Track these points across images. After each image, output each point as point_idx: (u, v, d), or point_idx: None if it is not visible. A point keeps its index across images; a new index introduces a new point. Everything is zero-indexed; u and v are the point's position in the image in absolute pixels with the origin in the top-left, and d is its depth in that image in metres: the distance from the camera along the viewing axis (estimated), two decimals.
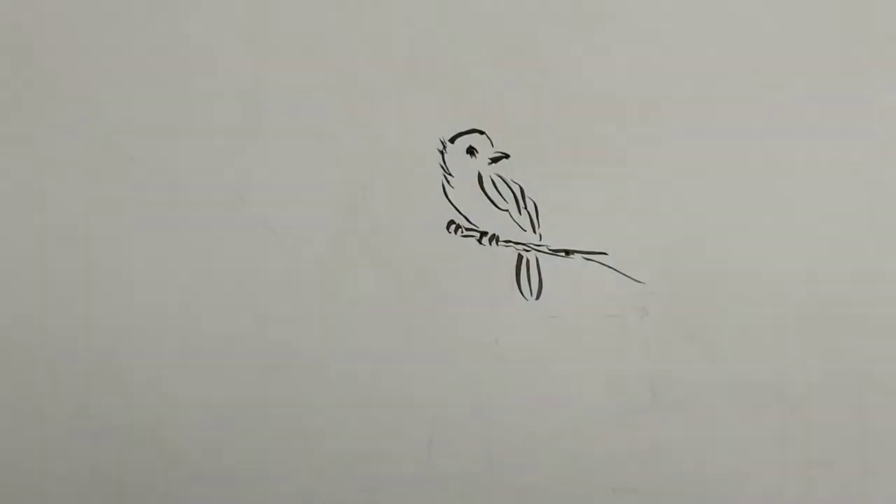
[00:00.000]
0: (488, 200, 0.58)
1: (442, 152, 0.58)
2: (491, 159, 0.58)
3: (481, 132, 0.58)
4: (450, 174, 0.58)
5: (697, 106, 0.55)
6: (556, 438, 0.61)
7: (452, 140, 0.58)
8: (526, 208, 0.58)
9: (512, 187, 0.58)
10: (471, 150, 0.58)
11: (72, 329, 0.63)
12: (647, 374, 0.59)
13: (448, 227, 0.59)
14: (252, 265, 0.60)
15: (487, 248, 0.59)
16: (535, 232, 0.58)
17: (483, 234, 0.59)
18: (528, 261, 0.59)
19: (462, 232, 0.59)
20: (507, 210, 0.58)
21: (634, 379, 0.60)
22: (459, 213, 0.59)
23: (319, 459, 0.62)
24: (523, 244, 0.59)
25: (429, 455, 0.62)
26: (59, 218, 0.61)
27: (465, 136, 0.58)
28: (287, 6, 0.55)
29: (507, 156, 0.58)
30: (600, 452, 0.60)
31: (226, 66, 0.58)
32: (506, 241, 0.59)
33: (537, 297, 0.59)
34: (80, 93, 0.58)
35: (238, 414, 0.62)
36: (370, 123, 0.58)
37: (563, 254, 0.59)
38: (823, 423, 0.58)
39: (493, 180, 0.58)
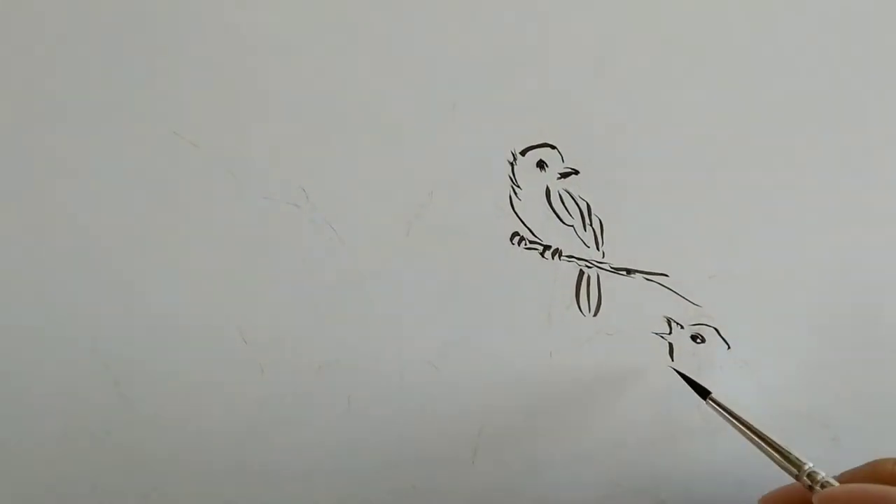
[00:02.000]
0: (554, 215, 0.59)
1: (512, 164, 0.58)
2: (560, 174, 0.58)
3: (553, 146, 0.58)
4: (518, 186, 0.59)
5: (768, 135, 0.56)
6: (602, 455, 0.61)
7: (523, 153, 0.58)
8: (591, 225, 0.59)
9: (579, 203, 0.58)
10: (541, 164, 0.58)
11: (124, 319, 0.62)
12: (696, 396, 0.60)
13: (512, 239, 0.59)
14: (311, 264, 0.60)
15: (550, 261, 0.59)
16: (598, 249, 0.59)
17: (546, 247, 0.59)
18: (588, 277, 0.59)
19: (526, 244, 0.59)
20: (572, 226, 0.59)
21: (684, 401, 0.60)
22: (524, 225, 0.59)
23: (363, 465, 0.61)
24: (586, 260, 0.59)
25: (472, 463, 0.62)
26: (113, 210, 0.60)
27: (536, 149, 0.58)
28: (360, 2, 0.55)
29: (576, 172, 0.58)
30: (646, 471, 0.61)
31: (297, 59, 0.57)
32: (568, 257, 0.59)
33: (595, 314, 0.60)
34: (147, 84, 0.57)
35: (287, 411, 0.62)
36: (442, 130, 0.58)
37: (624, 272, 0.59)
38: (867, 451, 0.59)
39: (560, 195, 0.59)
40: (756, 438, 0.52)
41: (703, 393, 0.57)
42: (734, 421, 0.53)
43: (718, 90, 0.55)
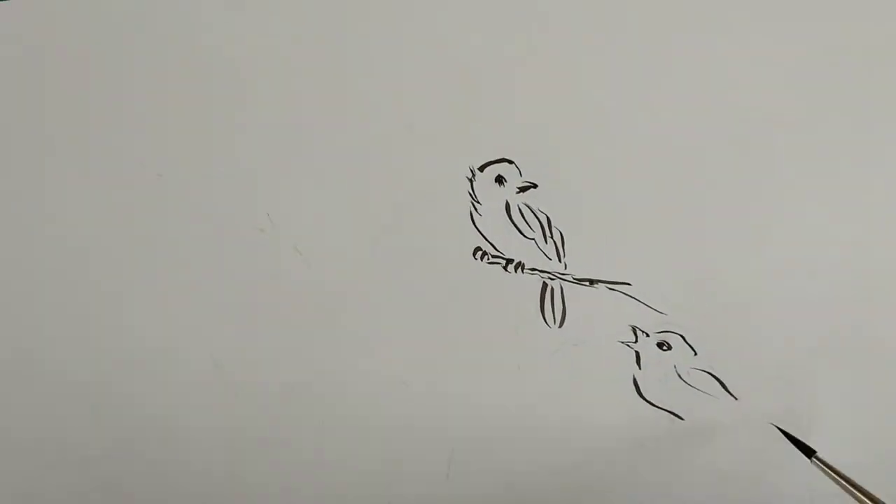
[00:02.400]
0: (515, 229, 0.59)
1: (471, 180, 0.59)
2: (519, 188, 0.59)
3: (510, 161, 0.59)
4: (478, 202, 0.59)
5: (728, 140, 0.56)
6: (575, 465, 0.61)
7: (482, 168, 0.59)
8: (552, 237, 0.59)
9: (539, 216, 0.59)
10: (499, 179, 0.59)
11: (90, 350, 0.63)
12: (667, 404, 0.60)
13: (475, 254, 0.60)
14: (278, 288, 0.61)
15: (513, 275, 0.60)
16: (560, 261, 0.59)
17: (509, 261, 0.60)
18: (552, 289, 0.60)
19: (488, 259, 0.60)
20: (533, 238, 0.59)
21: (654, 409, 0.60)
22: (486, 239, 0.59)
23: (338, 480, 0.62)
24: (548, 272, 0.60)
25: (447, 478, 0.62)
26: (81, 236, 0.61)
27: (494, 164, 0.59)
28: (317, 29, 0.56)
29: (535, 185, 0.58)
30: (620, 480, 0.61)
31: (256, 88, 0.58)
32: (531, 269, 0.60)
33: (560, 325, 0.60)
34: (108, 109, 0.59)
35: (258, 435, 0.62)
36: (401, 151, 0.59)
37: (587, 283, 0.59)
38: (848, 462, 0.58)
39: (520, 209, 0.59)
40: (865, 500, 0.50)
41: (808, 452, 0.56)
42: (841, 481, 0.52)
43: (675, 98, 0.56)
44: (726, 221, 0.57)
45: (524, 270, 0.60)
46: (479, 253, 0.60)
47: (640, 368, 0.60)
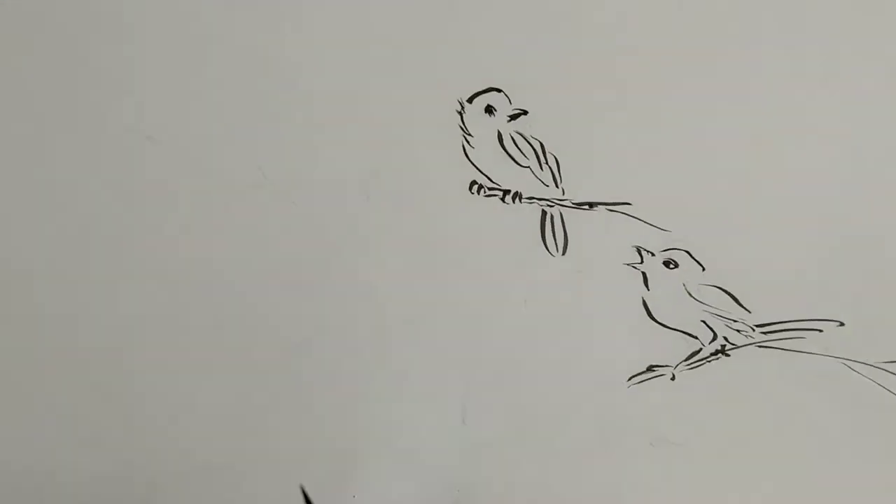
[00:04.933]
0: (509, 158, 0.58)
1: (460, 113, 0.58)
2: (510, 117, 0.58)
3: (499, 90, 0.58)
4: (469, 134, 0.59)
5: (723, 52, 0.55)
6: (589, 395, 0.60)
7: (470, 100, 0.58)
8: (547, 163, 0.58)
9: (532, 143, 0.58)
10: (489, 109, 0.58)
11: (92, 317, 0.62)
12: (679, 324, 0.59)
13: (471, 188, 0.59)
14: (276, 241, 0.60)
15: (511, 206, 0.59)
16: (557, 186, 0.58)
17: (506, 192, 0.59)
18: (552, 216, 0.59)
19: (485, 192, 0.59)
20: (528, 167, 0.59)
21: (667, 330, 0.59)
22: (481, 172, 0.59)
23: (351, 427, 0.61)
24: (547, 200, 0.59)
25: (463, 422, 0.61)
26: (76, 203, 0.61)
27: (483, 94, 0.58)
28: None
29: (525, 112, 0.58)
30: (635, 407, 0.59)
31: (245, 42, 0.58)
32: (529, 198, 0.59)
33: (563, 253, 0.59)
34: (96, 72, 0.59)
35: (269, 391, 0.61)
36: (387, 89, 0.58)
37: (586, 207, 0.59)
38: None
39: (512, 138, 0.58)
40: None
41: None
42: None
43: (671, 8, 0.55)
44: (723, 129, 0.56)
45: (522, 200, 0.59)
46: (476, 186, 0.59)
47: (648, 290, 0.59)
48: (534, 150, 0.58)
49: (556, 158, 0.58)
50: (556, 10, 0.56)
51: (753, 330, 0.58)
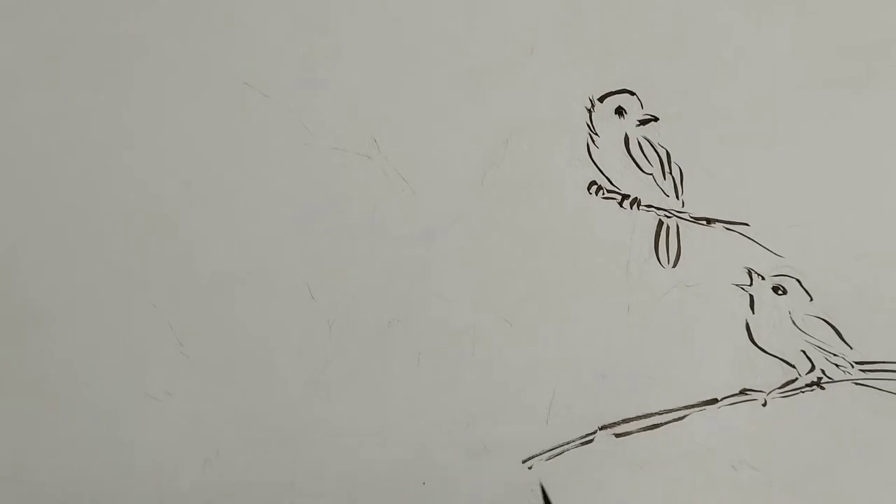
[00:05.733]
0: (633, 163, 0.58)
1: (590, 110, 0.57)
2: (639, 121, 0.57)
3: (632, 93, 0.57)
4: (596, 133, 0.58)
5: (853, 79, 0.55)
6: (678, 410, 0.59)
7: (602, 99, 0.57)
8: (671, 173, 0.58)
9: (658, 151, 0.58)
10: (619, 111, 0.57)
11: (185, 275, 0.60)
12: (778, 351, 0.58)
13: (589, 188, 0.58)
14: (382, 217, 0.59)
15: (628, 211, 0.58)
16: (678, 198, 0.58)
17: (625, 196, 0.58)
18: (668, 227, 0.58)
19: (603, 193, 0.58)
20: (651, 174, 0.58)
21: (765, 355, 0.58)
22: (602, 173, 0.58)
23: (434, 423, 0.59)
24: (665, 210, 0.58)
25: (547, 423, 0.60)
26: (180, 164, 0.59)
27: (615, 95, 0.57)
28: None
29: (656, 119, 0.57)
30: (723, 427, 0.59)
31: (368, 6, 0.57)
32: (647, 206, 0.58)
33: (674, 266, 0.58)
34: (218, 35, 0.57)
35: (354, 368, 0.60)
36: (518, 76, 0.57)
37: (703, 222, 0.58)
38: None
39: (639, 143, 0.58)
40: None
41: None
42: None
43: (811, 35, 0.55)
44: (850, 162, 0.56)
45: (640, 207, 0.58)
46: (594, 187, 0.58)
47: (753, 313, 0.58)
48: (659, 157, 0.57)
49: (680, 169, 0.57)
50: (700, 24, 0.55)
51: (852, 366, 0.58)
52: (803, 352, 0.58)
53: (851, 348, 0.58)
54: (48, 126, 0.59)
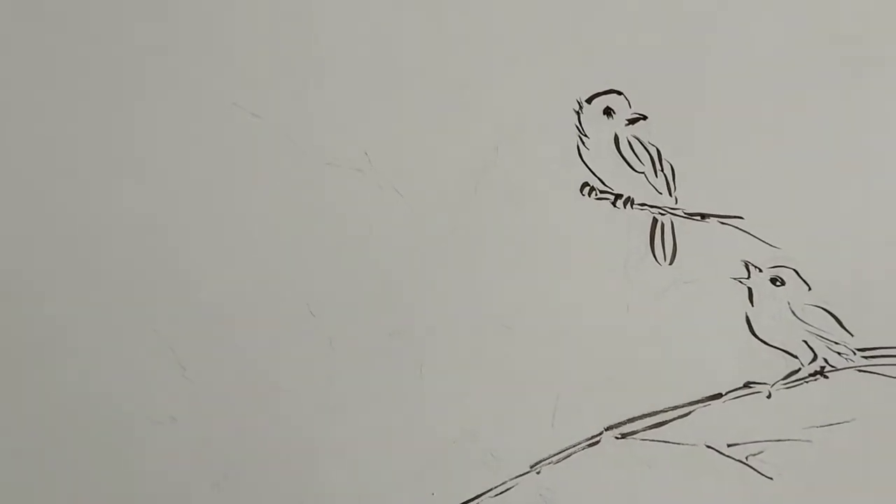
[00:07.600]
0: (624, 162, 0.58)
1: (578, 113, 0.57)
2: (628, 120, 0.57)
3: (619, 93, 0.57)
4: (585, 135, 0.58)
5: (843, 70, 0.55)
6: (682, 406, 0.59)
7: (589, 100, 0.57)
8: (662, 171, 0.58)
9: (649, 149, 0.58)
10: (608, 111, 0.57)
11: (185, 297, 0.60)
12: (780, 342, 0.58)
13: (582, 190, 0.58)
14: (377, 230, 0.59)
15: (622, 211, 0.58)
16: (670, 195, 0.58)
17: (618, 196, 0.58)
18: (662, 224, 0.58)
19: (596, 194, 0.58)
20: (642, 172, 0.58)
21: (767, 347, 0.59)
22: (594, 174, 0.58)
23: (437, 424, 0.59)
24: (658, 208, 0.58)
25: (552, 427, 0.60)
26: (174, 186, 0.59)
27: (603, 96, 0.58)
28: None
29: (644, 117, 0.57)
30: (728, 421, 0.59)
31: (350, 21, 0.57)
32: (641, 205, 0.58)
33: (671, 262, 0.58)
34: (205, 56, 0.57)
35: (357, 383, 0.60)
36: (504, 82, 0.57)
37: (698, 217, 0.58)
38: None
39: (629, 142, 0.58)
40: None
41: None
42: None
43: (793, 26, 0.55)
44: (841, 150, 0.56)
45: (633, 206, 0.58)
46: (587, 188, 0.58)
47: (752, 305, 0.58)
48: (650, 155, 0.58)
49: (671, 166, 0.57)
50: (685, 20, 0.55)
51: (854, 353, 0.58)
52: (805, 342, 0.58)
53: (852, 335, 0.58)
54: (41, 153, 0.59)
